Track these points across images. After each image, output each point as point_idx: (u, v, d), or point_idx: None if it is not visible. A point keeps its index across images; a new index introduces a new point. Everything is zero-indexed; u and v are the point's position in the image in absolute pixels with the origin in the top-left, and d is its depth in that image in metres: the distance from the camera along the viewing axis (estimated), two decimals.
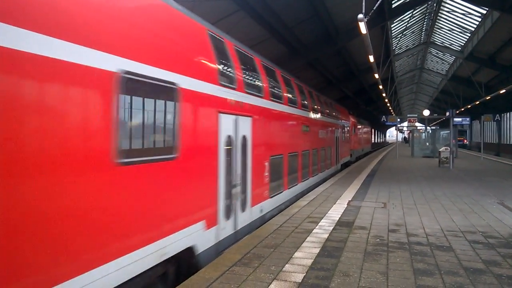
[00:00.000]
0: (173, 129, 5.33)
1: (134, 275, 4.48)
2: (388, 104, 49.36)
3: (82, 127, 3.77)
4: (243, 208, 7.82)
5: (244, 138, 7.87)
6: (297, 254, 6.03)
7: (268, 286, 4.79)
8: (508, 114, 47.85)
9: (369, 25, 14.39)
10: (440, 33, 36.27)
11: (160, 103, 5.22)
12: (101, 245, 3.97)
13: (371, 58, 19.78)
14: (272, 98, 9.78)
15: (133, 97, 4.64)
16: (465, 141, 64.14)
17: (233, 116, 7.34)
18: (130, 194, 4.41)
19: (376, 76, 26.57)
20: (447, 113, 26.60)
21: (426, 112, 35.56)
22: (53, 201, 3.43)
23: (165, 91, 5.19)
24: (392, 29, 32.14)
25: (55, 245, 3.43)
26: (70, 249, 3.58)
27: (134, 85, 4.57)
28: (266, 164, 9.29)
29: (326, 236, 7.16)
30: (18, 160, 3.13)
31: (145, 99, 4.92)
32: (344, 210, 9.69)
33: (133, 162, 4.44)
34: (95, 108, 3.94)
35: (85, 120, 3.82)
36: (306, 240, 6.87)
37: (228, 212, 7.10)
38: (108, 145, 4.03)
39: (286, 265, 5.54)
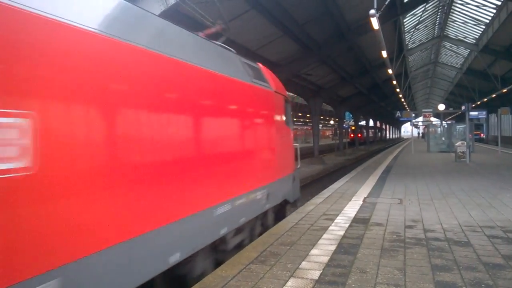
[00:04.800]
0: None
1: None
2: (403, 100, 48.84)
3: None
4: None
5: None
6: (313, 252, 6.04)
7: (285, 283, 4.81)
8: None
9: (381, 21, 14.28)
10: (454, 26, 35.75)
11: None
12: None
13: (384, 54, 19.62)
14: None
15: None
16: (482, 135, 63.03)
17: None
18: None
19: (390, 71, 26.32)
20: (463, 107, 26.22)
21: (441, 107, 35.10)
22: None
23: None
24: (405, 23, 31.80)
25: None
26: None
27: None
28: None
29: (342, 233, 7.15)
30: None
31: None
32: (360, 206, 9.66)
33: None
34: None
35: None
36: (322, 237, 6.88)
37: None
38: None
39: (303, 262, 5.56)
